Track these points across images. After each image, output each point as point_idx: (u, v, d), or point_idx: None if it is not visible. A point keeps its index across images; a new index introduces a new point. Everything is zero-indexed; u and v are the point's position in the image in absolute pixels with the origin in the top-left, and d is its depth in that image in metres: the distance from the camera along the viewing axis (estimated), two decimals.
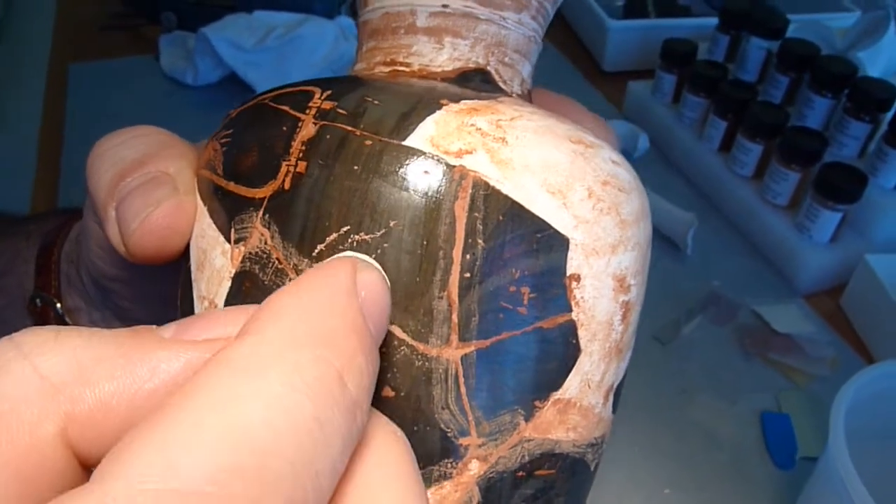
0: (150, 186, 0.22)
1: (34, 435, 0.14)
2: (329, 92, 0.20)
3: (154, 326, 0.16)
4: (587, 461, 0.22)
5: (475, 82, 0.23)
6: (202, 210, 0.22)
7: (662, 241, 0.73)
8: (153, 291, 0.30)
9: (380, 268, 0.18)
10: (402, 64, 0.23)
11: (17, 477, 0.13)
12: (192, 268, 0.22)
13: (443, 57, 0.23)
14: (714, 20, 0.90)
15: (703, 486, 0.53)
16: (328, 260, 0.17)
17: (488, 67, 0.24)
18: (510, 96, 0.24)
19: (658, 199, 0.74)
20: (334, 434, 0.13)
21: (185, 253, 0.23)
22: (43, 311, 0.33)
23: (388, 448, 0.16)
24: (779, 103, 0.80)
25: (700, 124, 0.82)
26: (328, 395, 0.14)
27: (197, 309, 0.22)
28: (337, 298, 0.15)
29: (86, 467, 0.15)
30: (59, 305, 0.33)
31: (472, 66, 0.23)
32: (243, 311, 0.16)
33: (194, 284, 0.22)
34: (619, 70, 0.99)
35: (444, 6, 0.23)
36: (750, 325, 0.66)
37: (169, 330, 0.16)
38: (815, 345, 0.64)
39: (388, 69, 0.23)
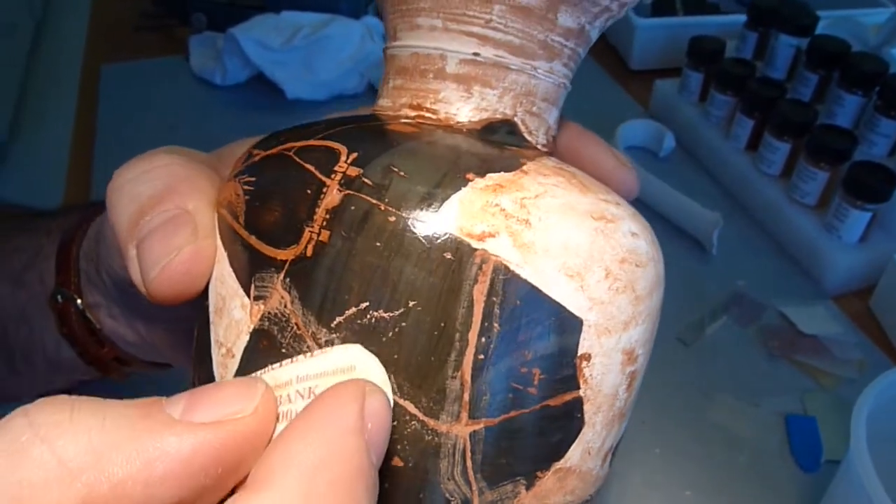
0: (169, 229, 0.22)
1: None
2: (355, 155, 0.20)
3: (164, 401, 0.17)
4: None
5: (500, 134, 0.23)
6: (222, 254, 0.22)
7: (687, 241, 0.73)
8: None
9: (388, 387, 0.19)
10: (428, 110, 0.23)
11: None
12: (211, 310, 0.23)
13: (470, 106, 0.23)
14: (742, 17, 0.89)
15: (724, 488, 0.52)
16: (337, 385, 0.18)
17: (515, 118, 0.23)
18: (535, 149, 0.24)
19: (683, 198, 0.73)
20: None
21: (205, 290, 0.23)
22: (64, 307, 0.34)
23: None
24: (808, 101, 0.78)
25: (727, 123, 0.81)
26: None
27: (214, 353, 0.22)
28: (346, 442, 0.16)
29: None
30: (79, 302, 0.34)
31: (498, 116, 0.23)
32: (250, 390, 0.17)
33: (212, 327, 0.22)
34: (646, 68, 0.99)
35: (476, 54, 0.22)
36: (776, 325, 0.65)
37: (178, 407, 0.16)
38: (842, 346, 0.63)
39: (413, 113, 0.23)
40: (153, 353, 0.36)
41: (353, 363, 0.19)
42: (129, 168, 0.25)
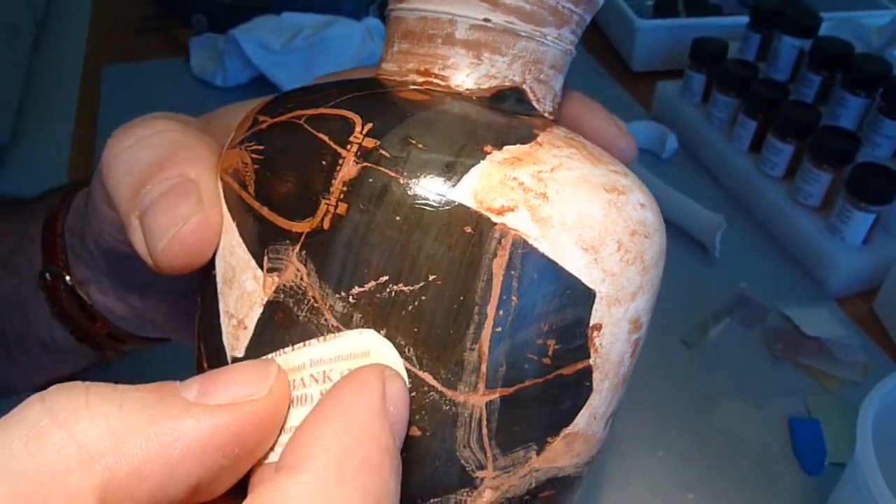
0: (173, 198, 0.22)
1: None
2: (370, 125, 0.20)
3: (178, 385, 0.17)
4: (582, 476, 0.23)
5: (510, 102, 0.23)
6: (230, 224, 0.22)
7: (690, 243, 0.72)
8: None
9: (403, 372, 0.19)
10: (437, 77, 0.23)
11: None
12: (219, 280, 0.22)
13: (479, 73, 0.23)
14: (745, 19, 0.89)
15: (727, 491, 0.52)
16: (358, 370, 0.18)
17: (524, 86, 0.23)
18: (543, 117, 0.24)
19: (686, 200, 0.73)
20: None
21: (210, 259, 0.23)
22: (53, 285, 0.34)
23: None
24: (811, 103, 0.78)
25: (729, 124, 0.80)
26: None
27: (223, 323, 0.22)
28: (370, 423, 0.17)
29: None
30: (67, 278, 0.34)
31: (507, 84, 0.23)
32: (263, 372, 0.18)
33: (220, 297, 0.22)
34: (648, 70, 0.98)
35: (486, 20, 0.22)
36: (779, 328, 0.64)
37: (192, 390, 0.17)
38: (846, 349, 0.62)
39: (421, 80, 0.23)
40: (146, 325, 0.35)
41: (368, 348, 0.19)
42: (125, 134, 0.24)
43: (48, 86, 0.97)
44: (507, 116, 0.22)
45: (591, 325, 0.20)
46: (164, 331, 0.36)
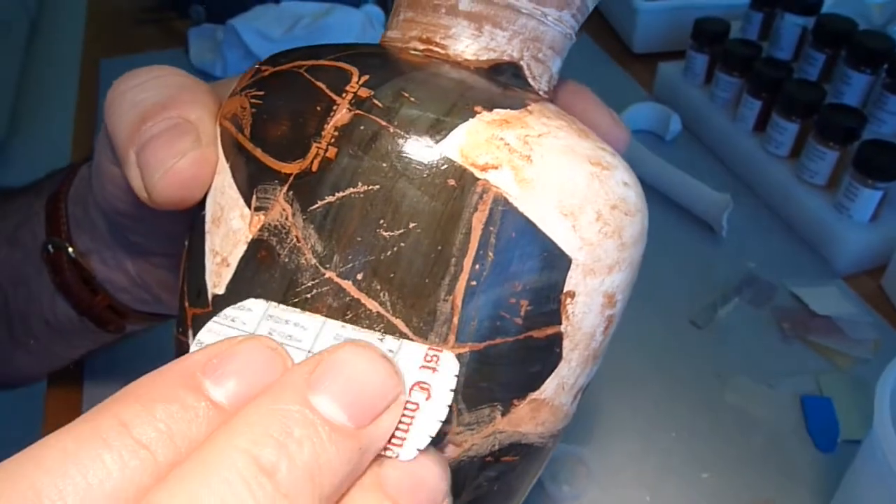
0: (173, 135, 0.22)
1: None
2: (367, 77, 0.21)
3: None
4: (547, 448, 0.24)
5: (506, 76, 0.24)
6: (224, 165, 0.23)
7: (697, 224, 0.72)
8: (166, 226, 0.30)
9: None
10: (437, 45, 0.23)
11: None
12: (207, 219, 0.23)
13: (479, 45, 0.23)
14: None
15: (741, 469, 0.52)
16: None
17: (521, 62, 0.24)
18: (537, 94, 0.24)
19: (692, 180, 0.73)
20: None
21: (201, 201, 0.23)
22: (56, 256, 0.34)
23: None
24: (815, 81, 0.78)
25: (733, 104, 0.80)
26: None
27: (208, 261, 0.22)
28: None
29: None
30: (70, 249, 0.34)
31: (506, 58, 0.24)
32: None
33: (207, 236, 0.23)
34: (649, 51, 0.98)
35: None
36: (788, 307, 0.64)
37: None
38: (856, 326, 0.62)
39: (423, 47, 0.24)
40: (145, 296, 0.36)
41: None
42: (130, 77, 0.25)
43: (47, 80, 0.96)
44: (502, 87, 0.23)
45: (564, 291, 0.21)
46: (162, 302, 0.36)
